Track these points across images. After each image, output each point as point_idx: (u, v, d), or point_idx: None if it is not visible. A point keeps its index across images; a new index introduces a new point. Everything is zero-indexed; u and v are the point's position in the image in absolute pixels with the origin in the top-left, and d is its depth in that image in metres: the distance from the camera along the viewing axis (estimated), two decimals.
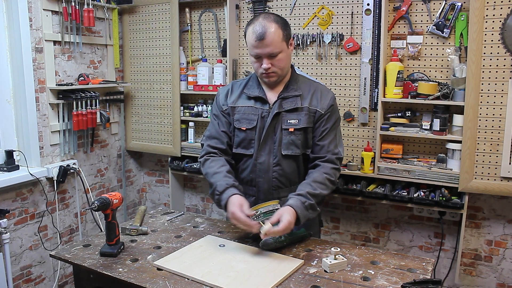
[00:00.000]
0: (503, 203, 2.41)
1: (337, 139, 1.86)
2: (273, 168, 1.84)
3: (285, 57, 1.77)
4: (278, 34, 1.71)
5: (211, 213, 3.35)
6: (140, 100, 3.25)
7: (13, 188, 2.46)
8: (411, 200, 2.38)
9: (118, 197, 1.65)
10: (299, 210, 1.64)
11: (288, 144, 1.81)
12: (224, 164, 1.84)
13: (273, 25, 1.71)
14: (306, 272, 1.48)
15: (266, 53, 1.72)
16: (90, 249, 1.69)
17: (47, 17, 2.59)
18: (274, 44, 1.70)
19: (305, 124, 1.81)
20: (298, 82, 1.86)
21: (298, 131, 1.81)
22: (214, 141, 1.91)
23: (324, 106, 1.83)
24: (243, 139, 1.87)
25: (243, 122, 1.85)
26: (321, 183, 1.74)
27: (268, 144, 1.84)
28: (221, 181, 1.74)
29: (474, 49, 2.16)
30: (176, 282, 1.42)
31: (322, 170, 1.78)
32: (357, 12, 2.50)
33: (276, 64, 1.75)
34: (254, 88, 1.87)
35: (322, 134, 1.83)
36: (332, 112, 1.85)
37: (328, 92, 1.88)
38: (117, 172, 3.30)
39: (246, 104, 1.87)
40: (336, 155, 1.82)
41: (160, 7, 3.05)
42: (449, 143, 2.32)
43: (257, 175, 1.86)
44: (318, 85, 1.92)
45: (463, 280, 2.55)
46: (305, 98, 1.83)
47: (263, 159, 1.84)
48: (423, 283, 1.36)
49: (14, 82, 2.54)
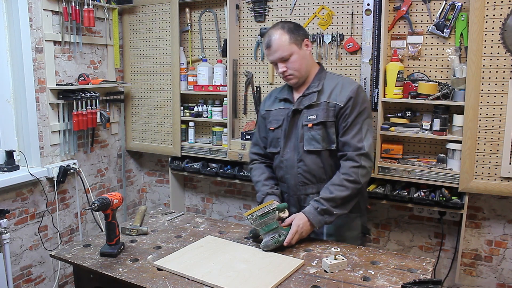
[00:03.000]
0: (503, 203, 2.41)
1: (362, 133, 1.80)
2: (297, 164, 1.89)
3: (299, 59, 1.84)
4: (284, 39, 1.81)
5: (211, 213, 3.35)
6: (140, 100, 3.25)
7: (13, 188, 2.46)
8: (411, 200, 2.38)
9: (118, 197, 1.65)
10: (311, 216, 1.72)
11: (309, 140, 1.85)
12: (263, 171, 2.01)
13: (278, 31, 1.83)
14: (306, 272, 1.48)
15: (277, 58, 1.84)
16: (90, 249, 1.69)
17: (47, 17, 2.59)
18: (281, 49, 1.81)
19: (322, 118, 1.82)
20: (322, 80, 1.89)
21: (316, 126, 1.83)
22: (256, 148, 2.10)
23: (343, 98, 1.81)
24: (272, 138, 1.98)
25: (272, 123, 1.97)
26: (338, 185, 1.76)
27: (292, 141, 1.91)
28: (260, 191, 1.95)
29: (474, 49, 2.16)
30: (176, 282, 1.42)
31: (340, 171, 1.80)
32: (357, 12, 2.50)
33: (291, 67, 1.84)
34: (284, 92, 1.99)
35: (343, 129, 1.82)
36: (354, 104, 1.80)
37: (350, 85, 1.84)
38: (117, 172, 3.30)
39: (277, 107, 1.99)
40: (358, 150, 1.78)
41: (160, 7, 3.05)
42: (449, 143, 2.32)
43: (284, 171, 1.94)
44: (343, 79, 1.90)
45: (463, 280, 2.55)
46: (325, 93, 1.86)
47: (288, 155, 1.91)
48: (423, 283, 1.36)
49: (14, 82, 2.54)
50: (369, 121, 1.85)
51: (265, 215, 1.64)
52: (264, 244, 1.64)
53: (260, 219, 1.64)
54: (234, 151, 2.82)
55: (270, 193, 1.91)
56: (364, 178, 1.79)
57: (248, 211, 1.66)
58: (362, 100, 1.83)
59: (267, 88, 2.83)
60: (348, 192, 1.75)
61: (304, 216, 1.73)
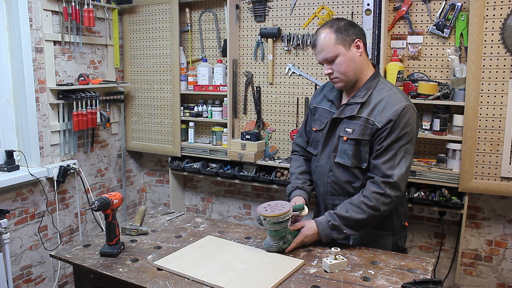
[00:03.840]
0: (503, 203, 2.41)
1: (395, 160, 1.64)
2: (328, 174, 1.81)
3: (345, 61, 1.69)
4: (329, 39, 1.68)
5: (211, 213, 3.35)
6: (140, 100, 3.25)
7: (13, 188, 2.46)
8: (411, 200, 2.37)
9: (118, 197, 1.65)
10: (321, 227, 1.68)
11: (341, 153, 1.75)
12: (300, 164, 1.96)
13: (326, 30, 1.70)
14: (306, 272, 1.48)
15: (321, 59, 1.72)
16: (90, 249, 1.69)
17: (47, 17, 2.59)
18: (326, 49, 1.69)
19: (357, 135, 1.69)
20: (370, 89, 1.72)
21: (351, 140, 1.71)
22: (300, 139, 2.03)
23: (383, 119, 1.64)
24: (313, 139, 1.90)
25: (316, 123, 1.88)
26: (356, 206, 1.66)
27: (328, 148, 1.81)
28: (292, 183, 1.91)
29: (474, 49, 2.16)
30: (176, 282, 1.42)
31: (362, 193, 1.68)
32: (357, 12, 2.50)
33: (336, 69, 1.70)
34: (334, 91, 1.85)
35: (376, 152, 1.67)
36: (393, 128, 1.63)
37: (395, 105, 1.65)
38: (117, 172, 3.30)
39: (324, 106, 1.87)
40: (385, 178, 1.63)
41: (160, 7, 3.05)
42: (449, 143, 2.32)
43: (317, 177, 1.87)
44: (390, 95, 1.69)
45: (463, 280, 2.55)
46: (368, 107, 1.70)
47: (323, 162, 1.83)
48: (423, 283, 1.36)
49: (14, 82, 2.54)
50: (407, 148, 1.66)
51: (278, 224, 1.59)
52: (268, 246, 1.63)
53: (271, 225, 1.60)
54: (234, 151, 2.82)
55: (300, 187, 1.86)
56: (386, 206, 1.65)
57: (265, 213, 1.58)
58: (405, 124, 1.64)
59: (267, 88, 2.83)
60: (364, 216, 1.64)
61: (315, 226, 1.68)
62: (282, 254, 1.61)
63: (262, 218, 1.60)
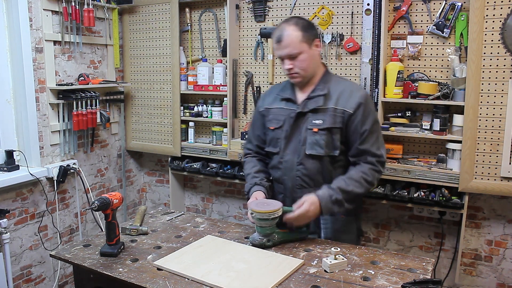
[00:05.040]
0: (503, 203, 2.41)
1: (379, 142, 1.84)
2: (297, 167, 1.88)
3: (307, 58, 1.81)
4: (295, 36, 1.77)
5: (211, 213, 3.35)
6: (140, 100, 3.25)
7: (13, 188, 2.46)
8: (411, 200, 2.38)
9: (118, 197, 1.65)
10: (323, 202, 1.72)
11: (312, 144, 1.83)
12: (255, 164, 2.01)
13: (291, 27, 1.79)
14: (306, 272, 1.48)
15: (285, 54, 1.80)
16: (90, 249, 1.69)
17: (47, 17, 2.59)
18: (292, 46, 1.77)
19: (329, 125, 1.81)
20: (328, 83, 1.87)
21: (322, 131, 1.81)
22: (249, 144, 2.09)
23: (352, 105, 1.80)
24: (272, 137, 1.96)
25: (273, 122, 1.95)
26: (356, 181, 1.77)
27: (293, 143, 1.89)
28: (248, 182, 1.95)
29: (474, 49, 2.16)
30: (176, 282, 1.42)
31: (360, 169, 1.80)
32: (357, 12, 2.50)
33: (298, 65, 1.81)
34: (287, 90, 1.95)
35: (361, 138, 1.80)
36: (365, 112, 1.81)
37: (359, 91, 1.85)
38: (117, 172, 3.30)
39: (278, 105, 1.96)
40: (377, 157, 1.81)
41: (160, 7, 3.05)
42: (449, 143, 2.32)
43: (283, 173, 1.93)
44: (350, 84, 1.90)
45: (463, 280, 2.55)
46: (332, 98, 1.83)
47: (288, 157, 1.90)
48: (423, 283, 1.36)
49: (14, 82, 2.54)
50: (380, 128, 1.88)
51: (263, 221, 1.65)
52: (252, 240, 1.70)
53: (258, 221, 1.66)
54: (234, 151, 2.82)
55: (258, 183, 1.91)
56: (377, 182, 1.85)
57: (257, 209, 1.65)
58: (373, 108, 1.86)
59: (267, 88, 2.82)
60: (362, 191, 1.78)
61: (317, 200, 1.71)
62: (282, 254, 1.61)
63: (251, 213, 1.67)
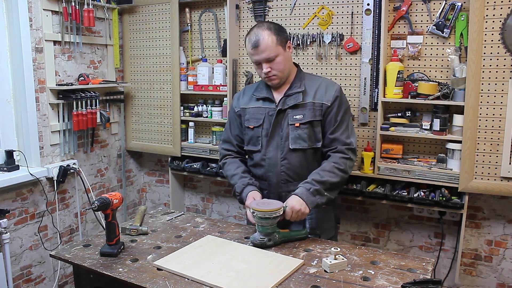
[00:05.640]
0: (503, 203, 2.41)
1: (349, 130, 1.94)
2: (281, 162, 1.94)
3: (283, 60, 1.89)
4: (271, 40, 1.84)
5: (211, 213, 3.35)
6: (140, 100, 3.25)
7: (13, 188, 2.46)
8: (411, 200, 2.38)
9: (118, 197, 1.65)
10: (305, 196, 1.77)
11: (295, 139, 1.91)
12: (239, 165, 2.05)
13: (266, 32, 1.85)
14: (306, 272, 1.48)
15: (263, 59, 1.86)
16: (90, 249, 1.69)
17: (47, 17, 2.59)
18: (269, 49, 1.84)
19: (310, 118, 1.90)
20: (302, 80, 1.96)
21: (303, 125, 1.90)
22: (227, 144, 2.13)
23: (330, 98, 1.91)
24: (252, 136, 2.00)
25: (251, 121, 2.00)
26: (328, 171, 1.84)
27: (275, 139, 1.95)
28: (239, 182, 1.96)
29: (474, 49, 2.16)
30: (176, 282, 1.42)
31: (331, 160, 1.90)
32: (357, 12, 2.50)
33: (275, 67, 1.88)
34: (263, 90, 2.01)
35: (332, 127, 1.92)
36: (340, 103, 1.92)
37: (333, 85, 1.96)
38: (117, 172, 3.30)
39: (255, 105, 2.01)
40: (347, 145, 1.90)
41: (160, 7, 3.05)
42: (449, 143, 2.32)
43: (266, 169, 1.98)
44: (324, 80, 2.00)
45: (463, 280, 2.55)
46: (309, 93, 1.93)
47: (271, 154, 1.95)
48: (423, 283, 1.36)
49: (14, 82, 2.54)
50: (350, 118, 1.99)
51: (265, 219, 1.65)
52: (253, 239, 1.70)
53: (259, 220, 1.66)
54: None
55: (251, 183, 1.94)
56: (351, 169, 1.93)
57: (258, 208, 1.65)
58: (345, 100, 1.98)
59: None
60: (338, 179, 1.85)
61: (299, 198, 1.76)
62: (282, 254, 1.61)
63: (252, 211, 1.68)
